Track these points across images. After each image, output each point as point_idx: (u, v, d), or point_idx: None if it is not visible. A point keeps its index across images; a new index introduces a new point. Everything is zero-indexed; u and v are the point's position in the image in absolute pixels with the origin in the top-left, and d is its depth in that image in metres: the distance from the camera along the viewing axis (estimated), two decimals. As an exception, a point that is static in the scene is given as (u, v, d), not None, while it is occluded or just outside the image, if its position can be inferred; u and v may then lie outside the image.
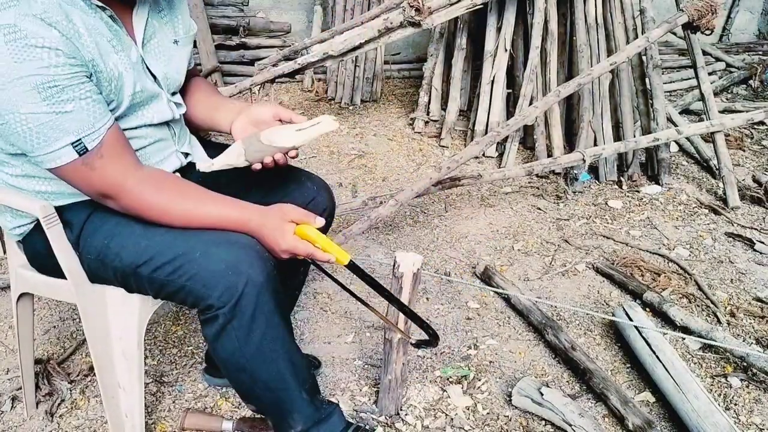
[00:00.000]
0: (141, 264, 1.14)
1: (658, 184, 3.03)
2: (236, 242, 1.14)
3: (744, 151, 3.50)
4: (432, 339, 1.39)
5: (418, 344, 1.45)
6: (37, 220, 1.18)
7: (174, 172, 1.29)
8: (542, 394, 1.58)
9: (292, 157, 1.28)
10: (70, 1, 1.04)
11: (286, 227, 1.16)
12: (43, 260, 1.26)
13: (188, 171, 1.33)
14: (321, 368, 1.76)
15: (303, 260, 1.24)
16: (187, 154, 1.35)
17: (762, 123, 3.68)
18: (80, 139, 1.03)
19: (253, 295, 1.11)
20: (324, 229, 1.27)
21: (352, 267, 1.24)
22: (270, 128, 1.27)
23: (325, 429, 1.32)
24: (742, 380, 1.75)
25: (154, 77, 1.21)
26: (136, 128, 1.19)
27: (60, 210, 1.19)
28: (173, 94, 1.30)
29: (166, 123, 1.27)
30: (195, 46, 3.91)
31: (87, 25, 1.05)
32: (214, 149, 1.42)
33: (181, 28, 1.30)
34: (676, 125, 3.13)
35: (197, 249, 1.12)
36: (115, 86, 1.10)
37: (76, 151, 1.03)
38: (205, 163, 1.26)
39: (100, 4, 1.08)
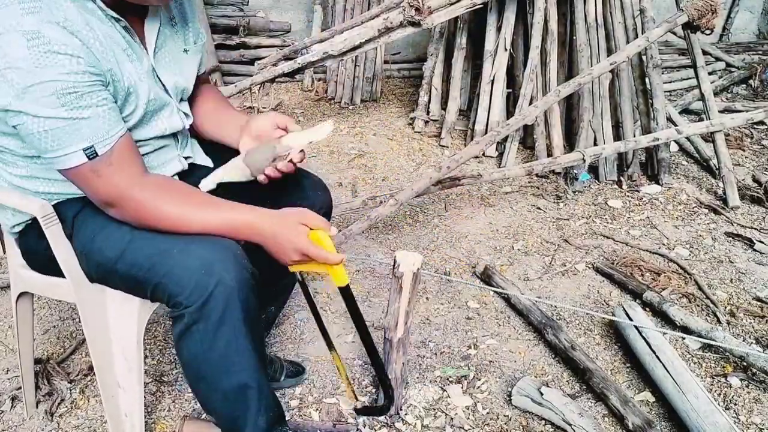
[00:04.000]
0: (120, 260, 1.13)
1: (658, 184, 3.03)
2: (216, 242, 1.12)
3: (744, 150, 3.50)
4: (383, 405, 1.39)
5: (363, 411, 1.47)
6: (33, 217, 1.18)
7: (174, 175, 1.29)
8: (542, 394, 1.58)
9: (299, 161, 1.27)
10: (89, 11, 1.05)
11: (301, 228, 1.15)
12: (36, 257, 1.26)
13: (189, 174, 1.33)
14: (305, 375, 1.72)
15: (288, 277, 1.24)
16: (188, 157, 1.35)
17: (762, 123, 3.68)
18: (92, 145, 1.04)
19: (222, 299, 1.08)
20: None
21: (347, 292, 1.22)
22: (270, 137, 1.28)
23: None
24: (741, 380, 1.75)
25: (164, 86, 1.22)
26: (147, 140, 1.20)
27: (54, 206, 1.19)
28: (181, 101, 1.30)
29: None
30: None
31: (104, 35, 1.07)
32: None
33: (191, 37, 1.30)
34: (676, 125, 3.12)
35: (176, 246, 1.11)
36: (130, 95, 1.11)
37: (87, 155, 1.04)
38: (206, 181, 1.27)
39: (115, 15, 1.09)
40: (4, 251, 1.39)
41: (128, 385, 1.30)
